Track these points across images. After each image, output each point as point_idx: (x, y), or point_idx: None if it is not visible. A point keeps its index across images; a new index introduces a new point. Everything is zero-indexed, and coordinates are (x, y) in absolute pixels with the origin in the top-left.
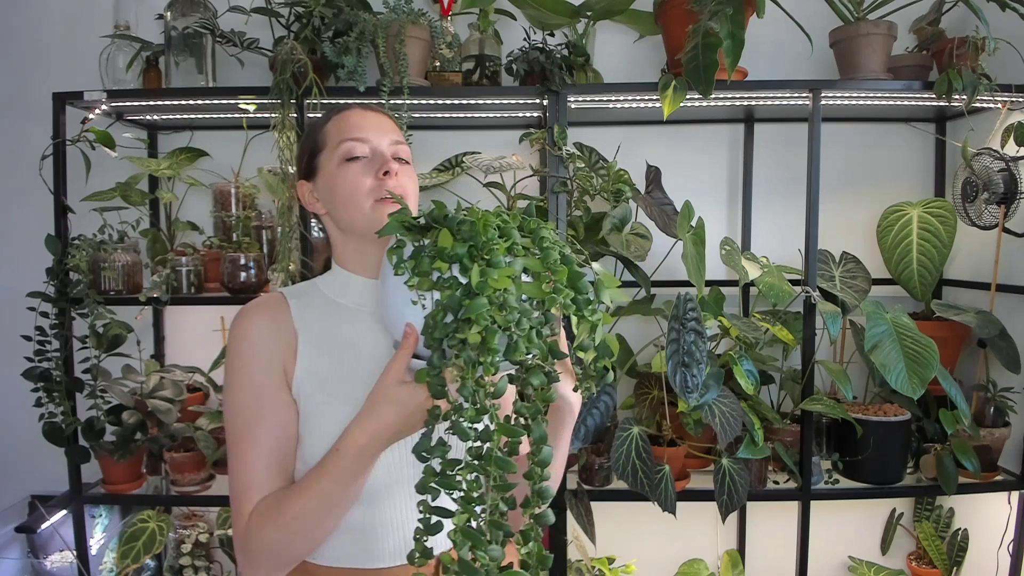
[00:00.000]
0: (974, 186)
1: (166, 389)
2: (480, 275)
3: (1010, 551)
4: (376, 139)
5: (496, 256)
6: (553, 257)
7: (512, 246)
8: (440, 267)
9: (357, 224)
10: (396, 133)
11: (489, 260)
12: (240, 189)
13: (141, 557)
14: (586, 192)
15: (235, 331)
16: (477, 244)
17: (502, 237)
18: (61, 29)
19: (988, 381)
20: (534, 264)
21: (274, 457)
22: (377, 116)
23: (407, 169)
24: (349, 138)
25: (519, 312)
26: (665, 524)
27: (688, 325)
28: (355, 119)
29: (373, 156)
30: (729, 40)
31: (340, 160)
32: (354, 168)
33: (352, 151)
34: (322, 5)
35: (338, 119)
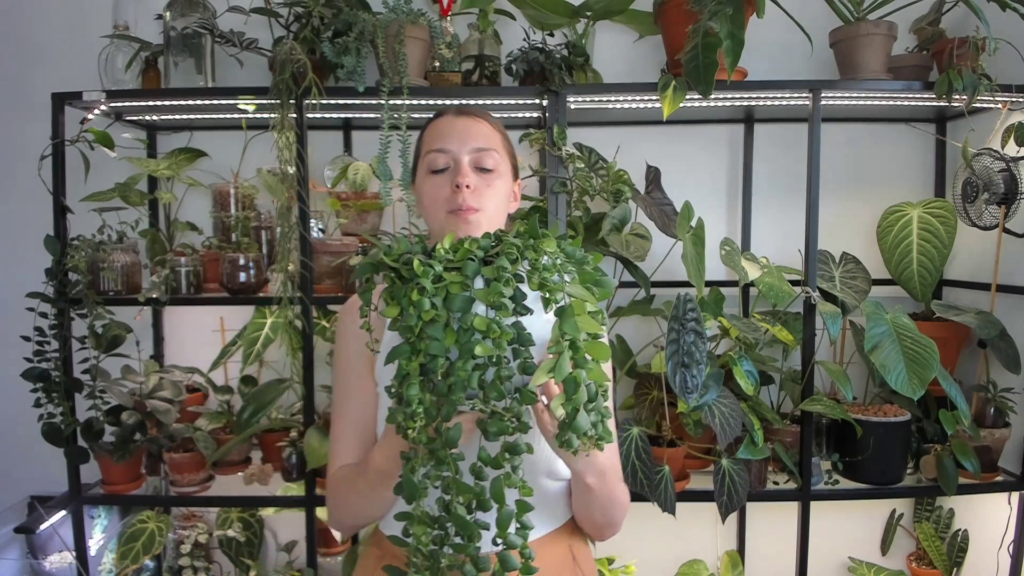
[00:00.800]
0: (974, 186)
1: (165, 390)
2: (408, 312)
3: (1010, 552)
4: (458, 148)
5: (421, 299)
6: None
7: (462, 281)
8: (388, 312)
9: (434, 232)
10: (485, 138)
11: (414, 302)
12: (239, 189)
13: (140, 558)
14: (586, 192)
15: (337, 321)
16: (417, 283)
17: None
18: (60, 29)
19: (988, 382)
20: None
21: (355, 430)
22: (466, 122)
23: (491, 178)
24: (432, 149)
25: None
26: (665, 525)
27: (688, 325)
28: (443, 127)
29: (453, 166)
30: (729, 40)
31: (426, 170)
32: (435, 180)
33: (434, 163)
34: (321, 5)
35: (431, 126)
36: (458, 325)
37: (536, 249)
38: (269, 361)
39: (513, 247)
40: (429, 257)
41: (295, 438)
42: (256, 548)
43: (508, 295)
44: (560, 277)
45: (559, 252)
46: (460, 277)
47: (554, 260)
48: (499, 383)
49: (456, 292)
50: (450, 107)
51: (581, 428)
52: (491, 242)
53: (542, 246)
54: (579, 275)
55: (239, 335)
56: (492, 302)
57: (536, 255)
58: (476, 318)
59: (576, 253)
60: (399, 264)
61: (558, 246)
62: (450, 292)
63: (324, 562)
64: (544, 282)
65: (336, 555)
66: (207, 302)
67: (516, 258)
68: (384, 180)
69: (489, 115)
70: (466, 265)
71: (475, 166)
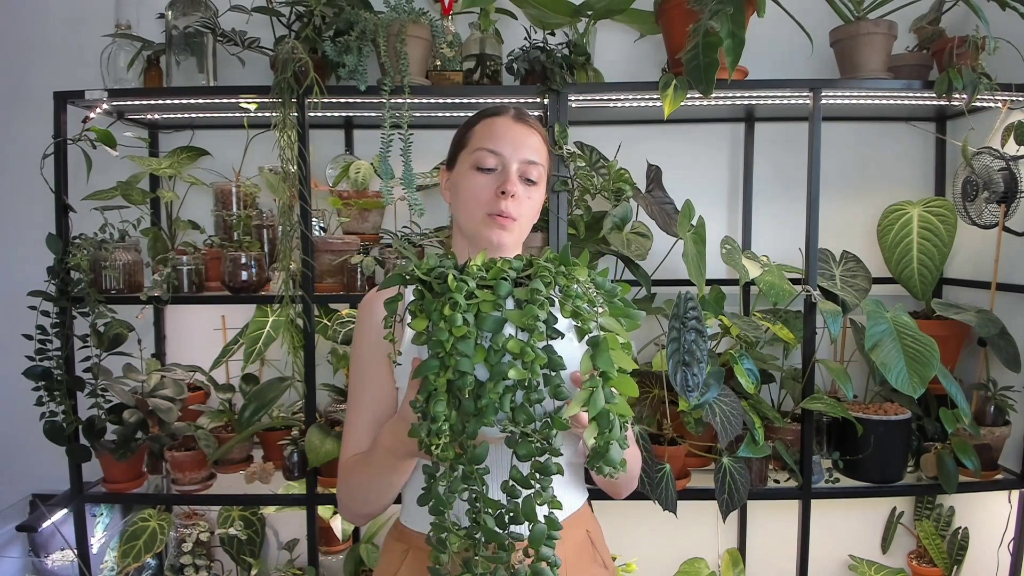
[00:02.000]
0: (974, 185)
1: (167, 388)
2: (438, 327)
3: (1010, 550)
4: (510, 154)
5: (454, 314)
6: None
7: (496, 302)
8: (416, 325)
9: (466, 228)
10: (535, 151)
11: (446, 316)
12: (241, 188)
13: (142, 556)
14: (587, 191)
15: (358, 313)
16: (451, 300)
17: (486, 288)
18: (62, 28)
19: (988, 380)
20: (515, 318)
21: (370, 420)
22: (523, 130)
23: (532, 190)
24: (484, 148)
25: (498, 375)
26: (666, 523)
27: (689, 324)
28: (499, 128)
29: (501, 170)
30: (730, 39)
31: (471, 165)
32: (480, 178)
33: (483, 162)
34: (323, 4)
35: (486, 123)
36: (488, 344)
37: (568, 276)
38: (270, 359)
39: (547, 270)
40: (462, 273)
41: (296, 436)
42: (257, 546)
43: (542, 318)
44: (592, 306)
45: (590, 281)
46: (493, 296)
47: (585, 289)
48: (529, 406)
49: (488, 311)
50: (508, 108)
51: (613, 460)
52: (523, 264)
53: (574, 274)
54: (609, 307)
55: (240, 333)
56: (526, 324)
57: (568, 282)
58: (511, 340)
59: (605, 284)
60: (430, 277)
61: (588, 276)
62: (482, 310)
63: (325, 560)
64: (577, 310)
65: (337, 553)
66: (209, 301)
67: (550, 282)
68: (385, 179)
69: (541, 127)
70: (499, 285)
71: (521, 176)
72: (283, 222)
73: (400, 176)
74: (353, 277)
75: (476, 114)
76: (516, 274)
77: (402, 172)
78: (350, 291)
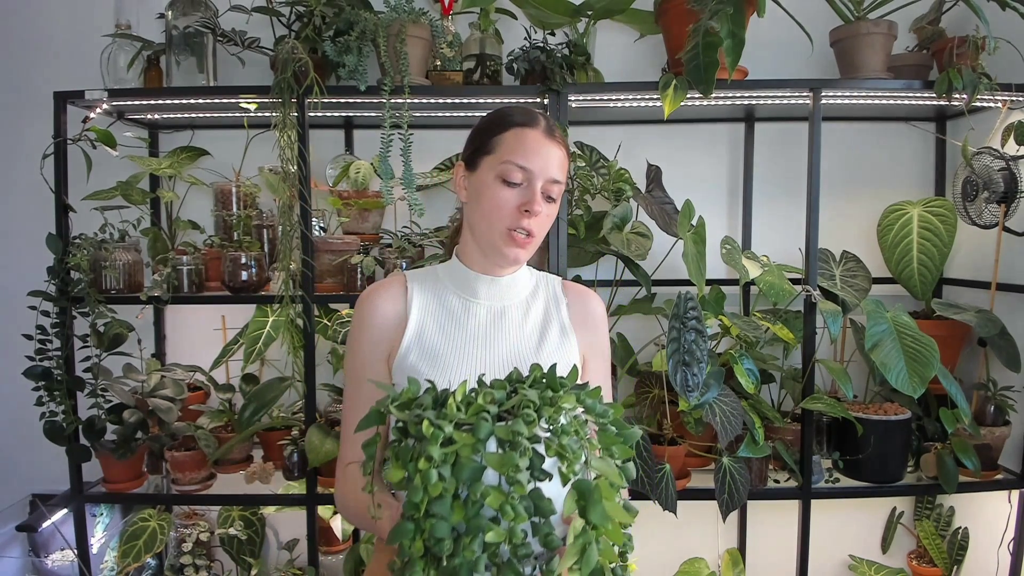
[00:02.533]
0: (974, 185)
1: (167, 388)
2: (413, 486)
3: (1010, 549)
4: (539, 172)
5: (429, 471)
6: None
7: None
8: (392, 476)
9: (483, 238)
10: (560, 170)
11: (421, 471)
12: (241, 188)
13: (142, 556)
14: (587, 191)
15: (355, 309)
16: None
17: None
18: (62, 28)
19: (988, 380)
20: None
21: None
22: (552, 148)
23: (551, 208)
24: (514, 162)
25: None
26: (666, 523)
27: (689, 324)
28: (531, 143)
29: (527, 187)
30: (730, 39)
31: (498, 176)
32: (505, 192)
33: (510, 175)
34: (323, 4)
35: (518, 134)
36: (466, 493)
37: (554, 404)
38: (270, 359)
39: (531, 405)
40: (440, 406)
41: (296, 436)
42: (257, 546)
43: (524, 467)
44: (579, 440)
45: (577, 404)
46: (472, 439)
47: (573, 419)
48: (516, 562)
49: (467, 458)
50: (538, 118)
51: None
52: (506, 393)
53: (561, 403)
54: (600, 436)
55: (240, 333)
56: (507, 475)
57: (555, 412)
58: (491, 494)
59: (596, 407)
60: (406, 415)
61: (577, 399)
62: (461, 457)
63: (325, 560)
64: (562, 450)
65: (337, 553)
66: (209, 300)
67: (533, 419)
68: (385, 179)
69: (565, 139)
70: (479, 426)
71: (544, 193)
72: (283, 222)
73: (400, 176)
74: (353, 277)
75: (504, 117)
76: (499, 407)
77: (402, 172)
78: (350, 291)
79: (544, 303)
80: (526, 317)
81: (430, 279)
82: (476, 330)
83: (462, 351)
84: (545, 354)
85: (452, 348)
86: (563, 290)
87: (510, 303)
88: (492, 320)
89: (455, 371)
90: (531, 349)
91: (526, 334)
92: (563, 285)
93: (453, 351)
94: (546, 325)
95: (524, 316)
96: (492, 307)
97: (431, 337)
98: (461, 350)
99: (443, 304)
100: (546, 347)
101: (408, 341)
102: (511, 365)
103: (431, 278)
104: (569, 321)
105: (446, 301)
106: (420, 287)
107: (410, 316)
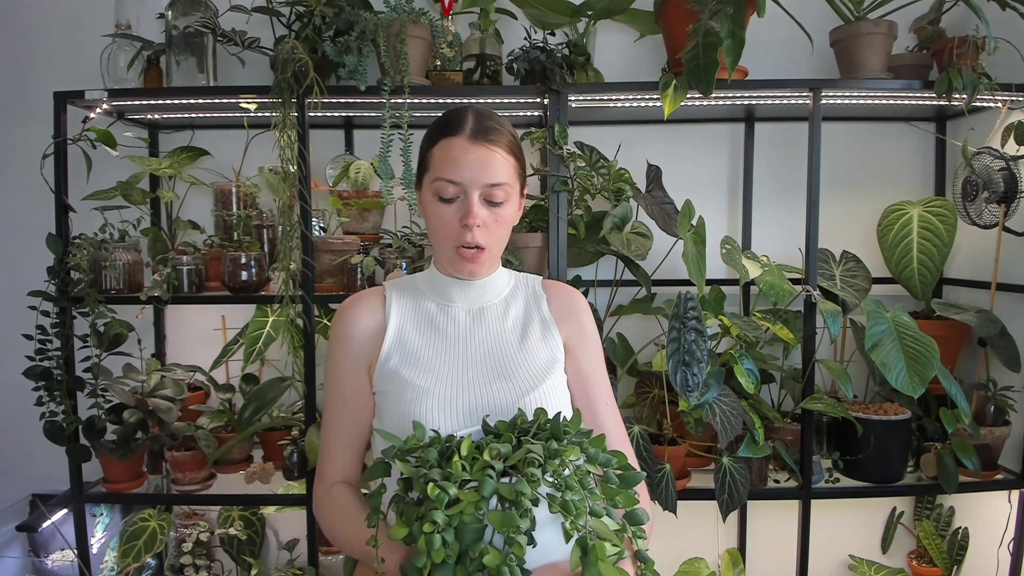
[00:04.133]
0: (974, 185)
1: (167, 388)
2: (417, 551)
3: (1010, 550)
4: (469, 181)
5: (432, 536)
6: None
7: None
8: (396, 534)
9: (439, 257)
10: (498, 171)
11: (426, 533)
12: (241, 188)
13: (142, 556)
14: (587, 191)
15: (332, 324)
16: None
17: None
18: (62, 28)
19: (988, 380)
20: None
21: (348, 438)
22: (480, 153)
23: (499, 210)
24: (442, 178)
25: None
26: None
27: (689, 324)
28: (456, 153)
29: (463, 199)
30: (730, 39)
31: (433, 194)
32: (442, 209)
33: (442, 192)
34: (323, 4)
35: (443, 145)
36: (466, 549)
37: (559, 455)
38: (270, 359)
39: (535, 461)
40: (446, 459)
41: (296, 436)
42: (257, 546)
43: (524, 528)
44: (582, 493)
45: (581, 453)
46: (476, 497)
47: (576, 469)
48: None
49: (471, 517)
50: (465, 120)
51: None
52: (511, 446)
53: (566, 457)
54: (603, 489)
55: (241, 333)
56: (506, 534)
57: (559, 467)
58: (488, 552)
59: (599, 456)
60: (411, 470)
61: (581, 448)
62: (464, 519)
63: (325, 560)
64: (566, 506)
65: (337, 553)
66: (209, 301)
67: (538, 479)
68: (385, 179)
69: (504, 134)
70: (484, 484)
71: (485, 199)
72: (283, 222)
73: (400, 176)
74: (353, 277)
75: (434, 127)
76: (503, 465)
77: (402, 172)
78: (350, 291)
79: (524, 301)
80: (506, 315)
81: (409, 287)
82: (455, 331)
83: (442, 352)
84: (528, 349)
85: (432, 350)
86: (543, 287)
87: (488, 303)
88: (471, 320)
89: (436, 372)
90: (513, 346)
91: (507, 331)
92: (543, 283)
93: (433, 353)
94: (527, 321)
95: (504, 314)
96: (470, 308)
97: (411, 341)
98: (441, 351)
99: (421, 309)
100: (529, 342)
101: (388, 347)
102: (492, 363)
103: (410, 286)
104: (550, 315)
105: (424, 306)
106: (398, 295)
107: (389, 323)
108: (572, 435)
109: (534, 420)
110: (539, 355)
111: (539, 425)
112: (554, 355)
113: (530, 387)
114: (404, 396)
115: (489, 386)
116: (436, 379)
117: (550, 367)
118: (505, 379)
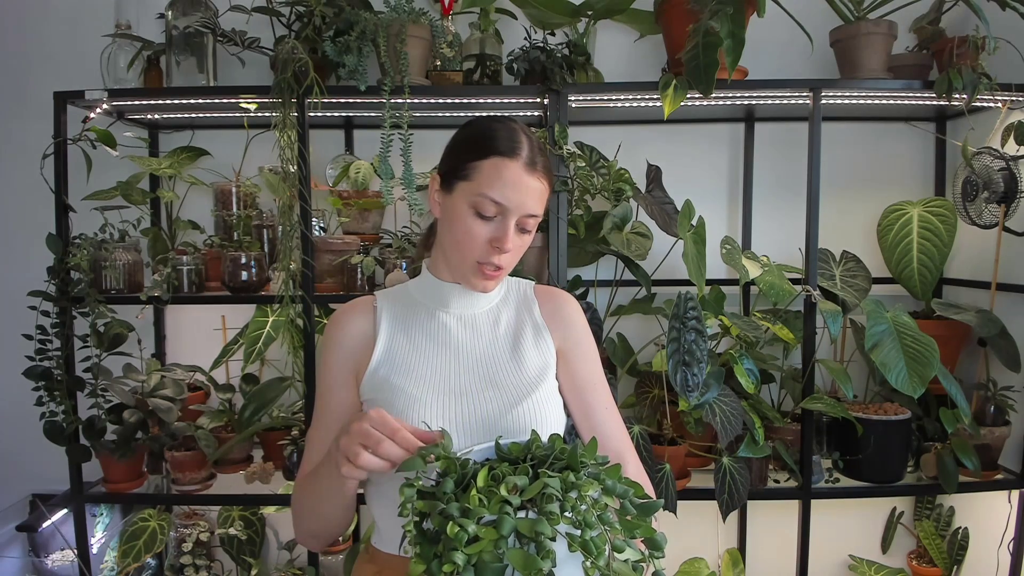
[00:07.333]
0: (974, 185)
1: (167, 388)
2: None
3: (1010, 549)
4: (513, 207)
5: (456, 555)
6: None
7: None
8: (414, 571)
9: (454, 264)
10: (538, 203)
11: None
12: (241, 188)
13: (142, 556)
14: (587, 191)
15: (324, 331)
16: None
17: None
18: (62, 28)
19: (988, 380)
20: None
21: (328, 439)
22: (532, 182)
23: (525, 238)
24: (489, 197)
25: None
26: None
27: (689, 324)
28: (509, 177)
29: (500, 222)
30: (730, 39)
31: (471, 207)
32: (477, 225)
33: (484, 209)
34: (323, 4)
35: (496, 164)
36: None
37: (576, 488)
38: (270, 359)
39: (553, 496)
40: (462, 488)
41: (296, 436)
42: (257, 546)
43: (546, 571)
44: (600, 529)
45: (599, 486)
46: (495, 535)
47: (594, 504)
48: None
49: (491, 555)
50: (520, 147)
51: None
52: (528, 478)
53: (583, 492)
54: (621, 521)
55: (241, 333)
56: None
57: (576, 502)
58: None
59: (616, 488)
60: (428, 505)
61: (597, 479)
62: (483, 558)
63: (325, 560)
64: (586, 546)
65: (337, 553)
66: (209, 301)
67: (557, 517)
68: (385, 179)
69: (549, 167)
70: (503, 522)
71: (519, 227)
72: (283, 222)
73: (400, 176)
74: (353, 277)
75: (485, 140)
76: (520, 500)
77: (402, 172)
78: (350, 291)
79: (516, 307)
80: (497, 323)
81: (400, 295)
82: (447, 339)
83: (433, 360)
84: (520, 356)
85: (423, 358)
86: (534, 292)
87: (480, 310)
88: (462, 328)
89: (427, 380)
90: (505, 353)
91: (499, 339)
92: (534, 288)
93: (424, 361)
94: (520, 327)
95: (495, 321)
96: (463, 315)
97: (402, 349)
98: (433, 359)
99: (413, 317)
100: (521, 349)
101: (378, 356)
102: (484, 371)
103: (401, 294)
104: (542, 319)
105: (416, 314)
106: (390, 304)
107: (379, 332)
108: (588, 467)
109: (549, 446)
110: (531, 362)
111: (555, 455)
112: (546, 361)
113: (522, 396)
114: (395, 404)
115: (481, 394)
116: (427, 387)
117: (542, 374)
118: (496, 387)
